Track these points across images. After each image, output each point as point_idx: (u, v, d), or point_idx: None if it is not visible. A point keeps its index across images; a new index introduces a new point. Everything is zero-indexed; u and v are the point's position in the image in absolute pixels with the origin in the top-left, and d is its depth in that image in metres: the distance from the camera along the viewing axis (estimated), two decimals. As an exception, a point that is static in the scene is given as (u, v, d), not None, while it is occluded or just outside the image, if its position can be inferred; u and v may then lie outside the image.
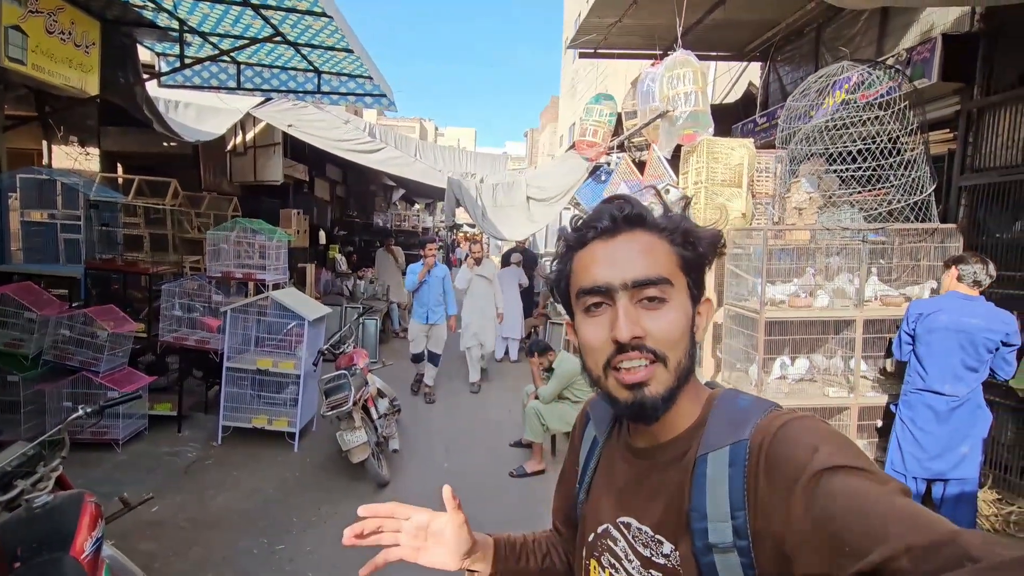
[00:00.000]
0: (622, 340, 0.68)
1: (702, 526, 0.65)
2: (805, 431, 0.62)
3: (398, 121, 38.92)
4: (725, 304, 4.16)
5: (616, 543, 0.77)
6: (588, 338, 0.72)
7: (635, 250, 0.71)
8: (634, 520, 0.75)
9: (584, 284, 0.72)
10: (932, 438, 2.99)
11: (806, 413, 0.67)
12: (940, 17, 4.48)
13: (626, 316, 0.68)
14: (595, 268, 0.72)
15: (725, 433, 0.68)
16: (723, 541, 0.64)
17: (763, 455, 0.63)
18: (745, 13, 5.76)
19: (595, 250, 0.73)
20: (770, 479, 0.61)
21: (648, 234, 0.73)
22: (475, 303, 6.70)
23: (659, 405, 0.69)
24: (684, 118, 4.32)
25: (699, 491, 0.67)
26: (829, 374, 3.98)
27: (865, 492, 0.53)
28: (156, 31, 5.00)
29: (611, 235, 0.73)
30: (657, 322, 0.69)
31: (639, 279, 0.69)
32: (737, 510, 0.63)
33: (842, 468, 0.56)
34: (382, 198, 14.45)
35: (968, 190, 4.07)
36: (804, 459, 0.58)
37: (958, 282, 3.01)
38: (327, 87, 5.80)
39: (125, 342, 4.37)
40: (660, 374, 0.69)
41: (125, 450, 4.22)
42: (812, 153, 3.95)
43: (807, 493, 0.56)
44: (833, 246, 3.97)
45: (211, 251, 4.78)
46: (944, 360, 2.95)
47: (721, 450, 0.67)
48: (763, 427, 0.65)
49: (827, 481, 0.55)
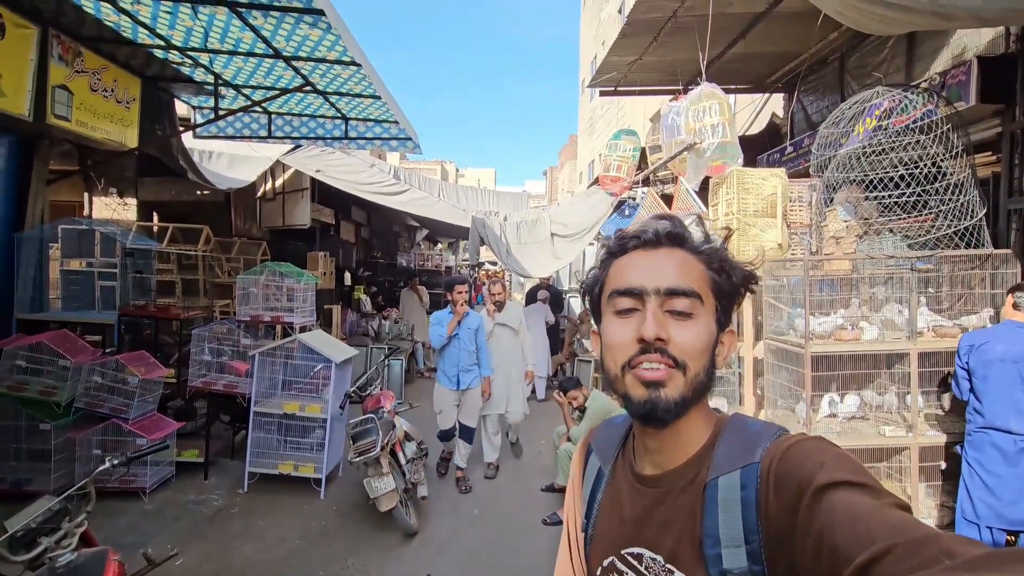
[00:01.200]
0: (647, 338, 0.69)
1: (716, 552, 0.65)
2: (812, 450, 0.63)
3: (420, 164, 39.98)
4: (765, 339, 3.98)
5: (624, 575, 0.75)
6: (612, 338, 0.74)
7: (672, 263, 0.74)
8: (646, 551, 0.73)
9: (618, 286, 0.75)
10: (1002, 482, 2.74)
11: (815, 435, 0.67)
12: (972, 40, 4.40)
13: (654, 318, 0.70)
14: (630, 272, 0.75)
15: (736, 456, 0.68)
16: (738, 567, 0.63)
17: (772, 475, 0.63)
18: (765, 46, 5.77)
19: (634, 257, 0.76)
20: (779, 499, 0.61)
21: (686, 253, 0.75)
22: (496, 360, 5.15)
23: (671, 408, 0.70)
24: (712, 150, 4.26)
25: (711, 516, 0.66)
26: (882, 411, 3.74)
27: (860, 504, 0.54)
28: (192, 85, 5.22)
29: (652, 247, 0.76)
30: (682, 332, 0.71)
31: (671, 287, 0.72)
32: (751, 534, 0.63)
33: (843, 483, 0.56)
34: (406, 238, 14.65)
35: (1018, 213, 3.87)
36: (809, 475, 0.59)
37: (1015, 310, 2.82)
38: (354, 132, 5.95)
39: (155, 388, 4.37)
40: (677, 379, 0.70)
41: (152, 499, 4.16)
42: (849, 180, 3.83)
43: (811, 508, 0.57)
44: (878, 276, 3.79)
45: (240, 295, 4.82)
46: (1004, 394, 2.73)
47: (732, 473, 0.67)
48: (772, 449, 0.66)
49: (828, 496, 0.56)
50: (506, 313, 5.36)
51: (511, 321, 5.34)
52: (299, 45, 4.04)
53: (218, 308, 6.31)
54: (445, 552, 3.71)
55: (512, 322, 5.34)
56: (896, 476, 3.53)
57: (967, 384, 2.88)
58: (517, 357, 5.37)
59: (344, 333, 8.56)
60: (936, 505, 3.51)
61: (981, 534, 2.81)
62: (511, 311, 5.42)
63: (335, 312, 8.15)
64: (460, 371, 4.72)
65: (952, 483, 3.23)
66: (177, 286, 7.14)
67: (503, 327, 5.31)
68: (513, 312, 5.42)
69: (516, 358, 5.35)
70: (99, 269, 5.48)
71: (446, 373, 4.74)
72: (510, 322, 5.34)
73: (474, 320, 4.80)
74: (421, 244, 15.41)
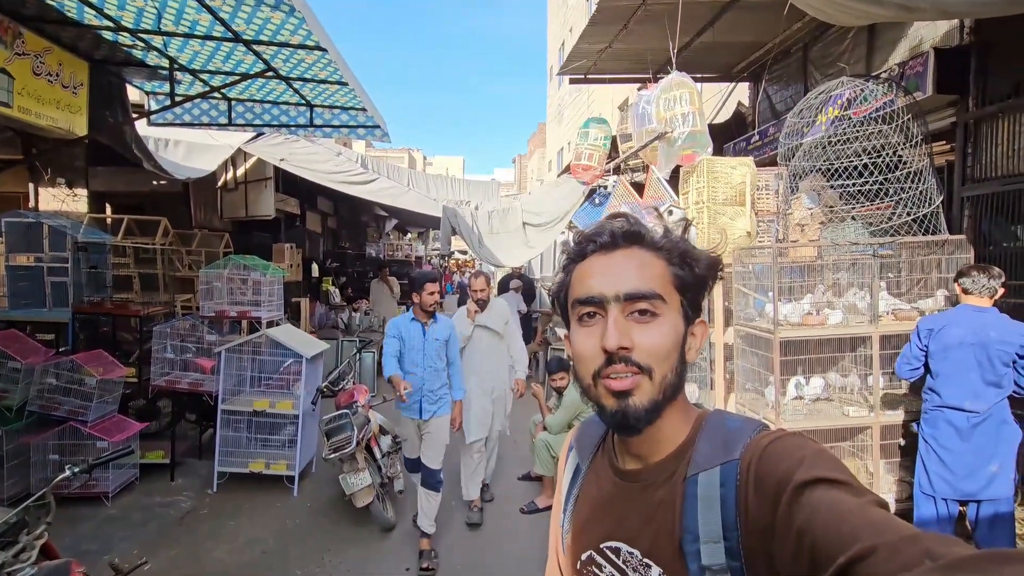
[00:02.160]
0: (609, 349, 0.69)
1: (695, 548, 0.65)
2: (790, 447, 0.63)
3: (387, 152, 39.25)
4: (734, 325, 4.07)
5: (602, 569, 0.76)
6: (579, 347, 0.73)
7: (630, 265, 0.73)
8: (624, 545, 0.74)
9: (579, 294, 0.74)
10: (957, 457, 2.88)
11: (794, 432, 0.68)
12: (928, 32, 4.54)
13: (615, 327, 0.69)
14: (590, 280, 0.73)
15: (716, 453, 0.68)
16: (716, 563, 0.64)
17: (752, 473, 0.63)
18: (732, 35, 5.83)
19: (593, 263, 0.75)
20: (758, 496, 0.61)
21: (645, 251, 0.74)
22: (477, 370, 4.19)
23: (642, 416, 0.70)
24: (683, 139, 4.30)
25: (691, 512, 0.67)
26: (846, 393, 3.88)
27: (840, 502, 0.54)
28: (145, 70, 4.95)
29: (610, 250, 0.74)
30: (645, 335, 0.70)
31: (631, 292, 0.71)
32: (730, 531, 0.63)
33: (822, 481, 0.57)
34: (374, 228, 14.40)
35: (971, 200, 4.05)
36: (789, 473, 0.59)
37: (966, 295, 2.95)
38: (319, 120, 5.76)
39: (115, 388, 4.19)
40: (644, 386, 0.69)
41: (115, 503, 4.00)
42: (816, 168, 3.93)
43: (791, 505, 0.57)
44: (842, 262, 3.91)
45: (203, 290, 4.65)
46: (962, 376, 2.86)
47: (712, 470, 0.67)
48: (752, 446, 0.66)
49: (808, 494, 0.56)
50: (489, 313, 4.24)
51: (494, 322, 4.23)
52: (260, 28, 3.86)
53: (180, 303, 6.07)
54: (424, 545, 3.70)
55: (496, 324, 4.25)
56: (858, 454, 3.68)
57: (919, 364, 3.01)
58: (503, 366, 4.32)
59: (313, 326, 8.38)
60: (895, 480, 3.68)
61: (937, 506, 2.96)
62: (495, 310, 4.32)
63: (303, 305, 7.97)
64: (424, 397, 3.60)
65: (910, 459, 3.39)
66: (135, 281, 6.85)
67: (484, 330, 4.23)
68: (498, 311, 4.32)
69: (501, 367, 4.30)
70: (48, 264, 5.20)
71: (408, 398, 3.51)
72: (493, 324, 4.22)
73: (442, 329, 3.68)
74: (390, 234, 15.17)
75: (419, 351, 3.61)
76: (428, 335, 3.63)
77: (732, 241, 4.13)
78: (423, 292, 3.63)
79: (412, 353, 3.60)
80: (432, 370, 3.62)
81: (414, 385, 3.49)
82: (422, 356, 3.61)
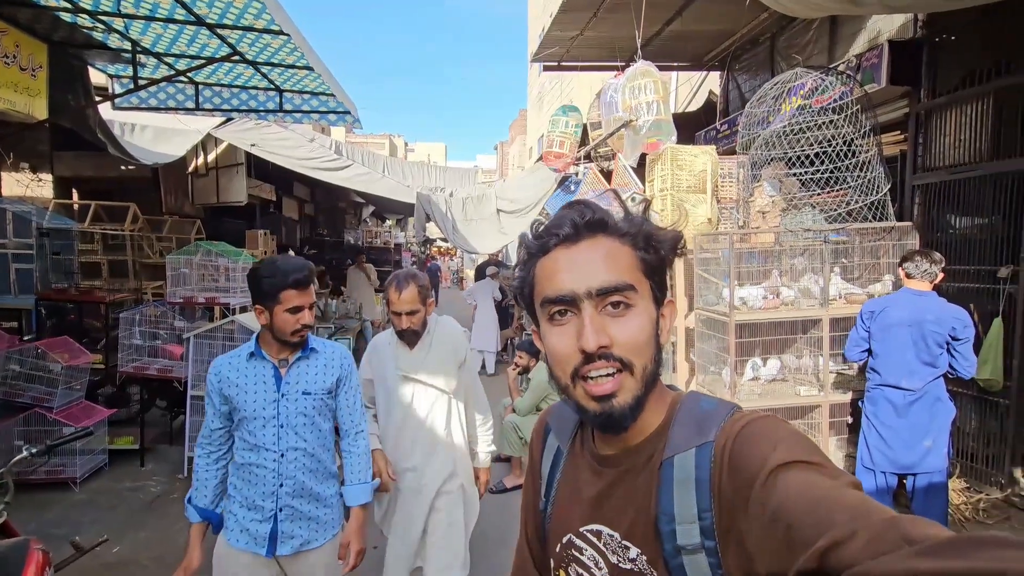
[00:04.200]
0: (589, 350, 0.67)
1: (670, 528, 0.66)
2: (765, 430, 0.64)
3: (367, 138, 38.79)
4: (696, 309, 4.20)
5: (583, 552, 0.77)
6: (555, 348, 0.71)
7: (598, 257, 0.70)
8: (605, 528, 0.74)
9: (548, 293, 0.71)
10: (894, 432, 3.05)
11: (767, 413, 0.68)
12: (886, 24, 4.67)
13: (592, 325, 0.68)
14: (558, 277, 0.71)
15: (690, 436, 0.68)
16: (691, 543, 0.65)
17: (726, 455, 0.64)
18: (701, 24, 5.91)
19: (557, 257, 0.72)
20: (733, 478, 0.62)
21: (610, 239, 0.72)
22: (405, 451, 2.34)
23: (627, 414, 0.69)
24: (647, 127, 4.39)
25: (666, 494, 0.67)
26: (800, 373, 4.05)
27: (816, 485, 0.54)
28: (108, 52, 4.85)
29: (573, 242, 0.72)
30: (623, 329, 0.69)
31: (603, 287, 0.69)
32: (704, 511, 0.64)
33: (797, 463, 0.57)
34: (352, 215, 14.30)
35: (921, 189, 4.21)
36: (763, 457, 0.60)
37: (908, 279, 3.10)
38: (289, 105, 5.71)
39: (81, 375, 4.18)
40: (627, 383, 0.69)
41: (83, 488, 4.01)
42: (773, 157, 4.04)
43: (765, 489, 0.57)
44: (797, 247, 4.05)
45: (172, 276, 4.63)
46: (899, 356, 3.02)
47: (687, 453, 0.67)
48: (726, 429, 0.66)
49: (783, 476, 0.56)
50: (428, 353, 2.32)
51: (437, 368, 2.32)
52: (223, 12, 3.82)
53: (150, 290, 6.03)
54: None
55: (439, 370, 2.32)
56: (810, 432, 3.85)
57: (865, 345, 3.16)
58: (451, 441, 2.37)
59: (288, 313, 8.34)
60: (844, 456, 3.86)
61: (876, 479, 3.13)
62: (442, 345, 2.34)
63: (278, 292, 7.92)
64: (282, 513, 1.87)
65: (857, 435, 3.57)
66: (103, 267, 6.76)
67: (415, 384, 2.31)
68: (446, 347, 2.35)
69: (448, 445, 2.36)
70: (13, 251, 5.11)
71: (238, 516, 1.89)
72: (432, 372, 2.31)
73: (328, 368, 1.95)
74: (368, 221, 15.09)
75: (266, 419, 1.83)
76: (288, 380, 1.87)
77: (694, 227, 4.24)
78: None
79: (252, 425, 1.84)
80: (301, 455, 1.86)
81: (256, 485, 1.84)
82: (275, 428, 1.84)
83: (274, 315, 1.81)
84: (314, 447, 1.90)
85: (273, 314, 1.81)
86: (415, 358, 2.31)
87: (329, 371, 1.95)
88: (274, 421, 1.85)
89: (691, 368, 4.42)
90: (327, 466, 1.95)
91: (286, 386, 1.87)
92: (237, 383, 1.86)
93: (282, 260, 1.85)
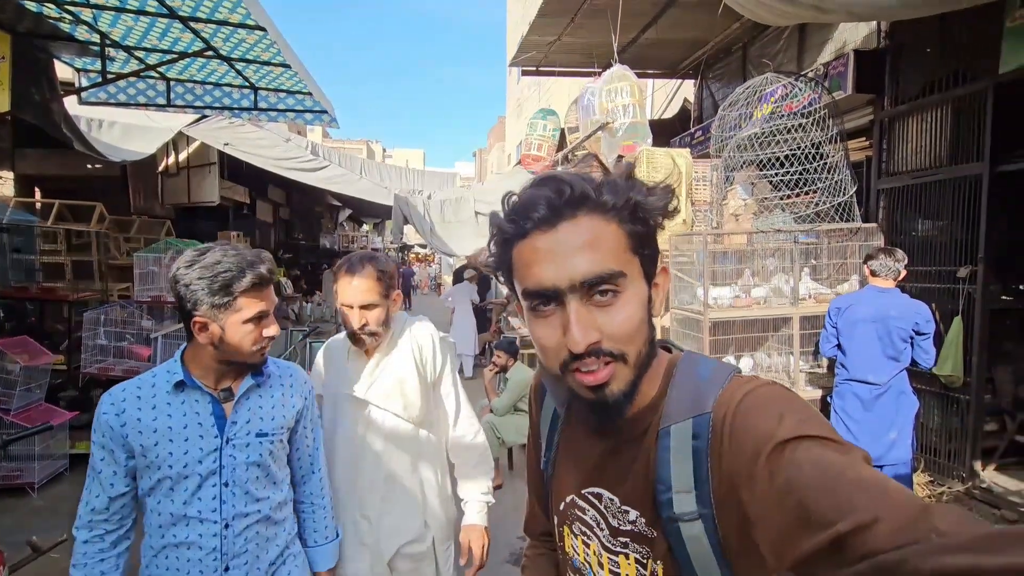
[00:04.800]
0: (577, 351, 0.63)
1: (667, 497, 0.65)
2: (769, 400, 0.61)
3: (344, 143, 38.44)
4: (672, 308, 4.26)
5: (585, 512, 0.77)
6: (541, 340, 0.67)
7: (580, 243, 0.63)
8: (605, 491, 0.74)
9: (529, 285, 0.66)
10: (861, 426, 3.13)
11: (769, 380, 0.65)
12: (851, 34, 4.84)
13: (579, 322, 0.63)
14: (538, 267, 0.64)
15: (687, 406, 0.66)
16: (687, 511, 0.64)
17: (727, 426, 0.62)
18: (676, 32, 6.04)
19: (536, 244, 0.65)
20: (734, 449, 0.60)
21: (593, 217, 0.64)
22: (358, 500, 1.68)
23: (622, 401, 0.66)
24: (624, 130, 4.45)
25: (663, 463, 0.66)
26: (772, 371, 4.13)
27: (831, 462, 0.52)
28: (75, 45, 4.72)
29: (552, 224, 0.64)
30: (612, 319, 0.64)
31: (588, 278, 0.63)
32: (702, 482, 0.63)
33: (807, 438, 0.55)
34: (328, 219, 14.13)
35: (886, 192, 4.36)
36: (769, 429, 0.57)
37: (873, 277, 3.20)
38: (264, 104, 5.62)
39: (41, 376, 4.02)
40: (621, 372, 0.65)
41: (42, 495, 3.85)
42: (745, 161, 4.14)
43: (772, 462, 0.55)
44: (768, 248, 4.15)
45: (140, 274, 4.50)
46: (865, 351, 3.11)
47: (684, 423, 0.66)
48: (726, 399, 0.64)
49: (792, 451, 0.54)
50: (392, 356, 1.72)
51: (398, 380, 1.69)
52: (197, 5, 3.76)
53: (116, 291, 5.84)
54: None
55: (404, 383, 1.70)
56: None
57: (835, 341, 3.25)
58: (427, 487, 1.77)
59: (262, 316, 8.18)
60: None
61: (845, 472, 3.20)
62: (409, 345, 1.73)
63: (251, 294, 7.76)
64: None
65: (827, 431, 3.65)
66: (66, 268, 6.53)
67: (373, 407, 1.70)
68: (413, 349, 1.73)
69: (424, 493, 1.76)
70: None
71: None
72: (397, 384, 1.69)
73: (287, 397, 1.42)
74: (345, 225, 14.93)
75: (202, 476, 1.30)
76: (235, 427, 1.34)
77: (669, 229, 4.31)
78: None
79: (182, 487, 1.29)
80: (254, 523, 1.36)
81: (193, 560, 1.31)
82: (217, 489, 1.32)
83: (226, 327, 1.27)
84: (271, 509, 1.37)
85: (225, 326, 1.27)
86: (369, 371, 1.69)
87: (289, 400, 1.42)
88: (214, 479, 1.30)
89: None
90: (289, 531, 1.44)
91: (232, 428, 1.32)
92: (155, 427, 1.27)
93: (230, 250, 1.27)
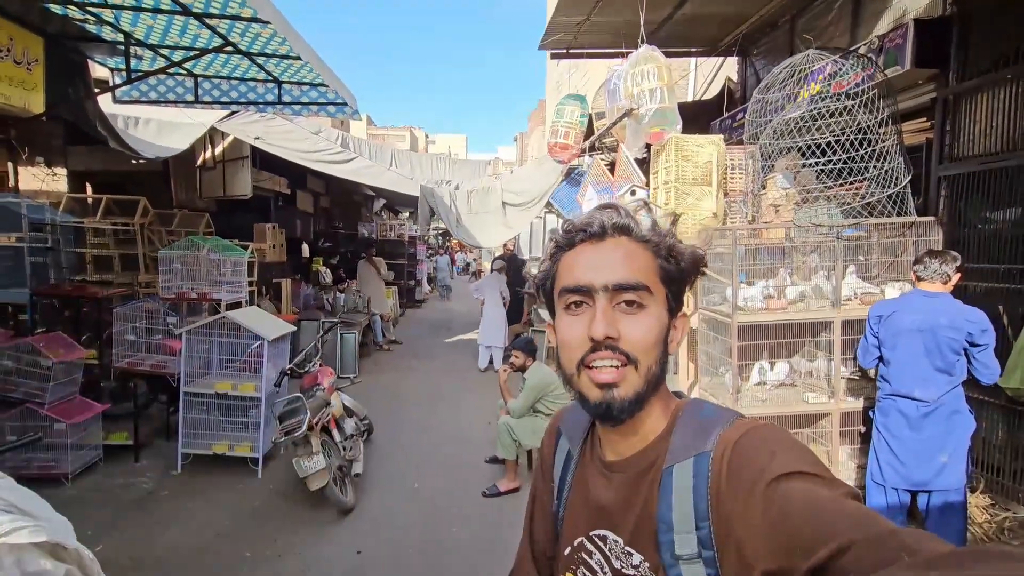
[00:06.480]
0: (596, 338, 0.69)
1: (668, 538, 0.67)
2: (764, 440, 0.64)
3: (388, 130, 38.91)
4: (699, 309, 3.97)
5: (591, 556, 0.78)
6: (565, 335, 0.74)
7: (619, 256, 0.73)
8: (610, 533, 0.75)
9: (567, 283, 0.74)
10: (906, 446, 2.80)
11: (767, 422, 0.68)
12: (913, 2, 4.32)
13: (603, 316, 0.70)
14: (578, 269, 0.74)
15: (690, 444, 0.69)
16: (689, 552, 0.65)
17: (725, 464, 0.64)
18: (714, 7, 5.61)
19: (581, 252, 0.75)
20: (731, 486, 0.62)
21: (633, 243, 0.74)
22: None
23: (626, 407, 0.70)
24: (650, 116, 4.15)
25: (665, 502, 0.68)
26: (812, 378, 3.79)
27: (816, 495, 0.55)
28: (104, 45, 4.82)
29: (599, 239, 0.74)
30: (633, 326, 0.70)
31: (619, 283, 0.71)
32: (702, 520, 0.65)
33: (797, 474, 0.58)
34: (366, 208, 14.29)
35: (948, 180, 3.89)
36: (762, 465, 0.60)
37: (919, 282, 2.84)
38: (288, 97, 5.61)
39: (74, 370, 4.18)
40: (630, 377, 0.70)
41: (75, 484, 4.02)
42: (786, 147, 3.78)
43: (765, 497, 0.57)
44: (810, 243, 3.79)
45: (164, 271, 4.60)
46: (911, 363, 2.77)
47: (686, 462, 0.68)
48: (725, 438, 0.67)
49: (783, 486, 0.57)
50: None
51: None
52: (207, 1, 3.73)
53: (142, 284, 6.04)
54: (378, 529, 3.68)
55: None
56: (820, 440, 3.61)
57: (876, 352, 2.91)
58: None
59: (296, 307, 8.35)
60: (856, 467, 3.61)
61: (887, 495, 2.89)
62: None
63: (284, 286, 7.92)
64: None
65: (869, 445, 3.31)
66: (115, 261, 6.83)
67: None
68: None
69: None
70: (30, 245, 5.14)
71: None
72: None
73: None
74: (382, 214, 15.06)
75: None
76: None
77: (698, 222, 4.00)
78: None
79: None
80: None
81: None
82: None
83: None
84: None
85: None
86: None
87: None
88: None
89: (696, 371, 4.20)
90: None
91: None
92: None
93: None
